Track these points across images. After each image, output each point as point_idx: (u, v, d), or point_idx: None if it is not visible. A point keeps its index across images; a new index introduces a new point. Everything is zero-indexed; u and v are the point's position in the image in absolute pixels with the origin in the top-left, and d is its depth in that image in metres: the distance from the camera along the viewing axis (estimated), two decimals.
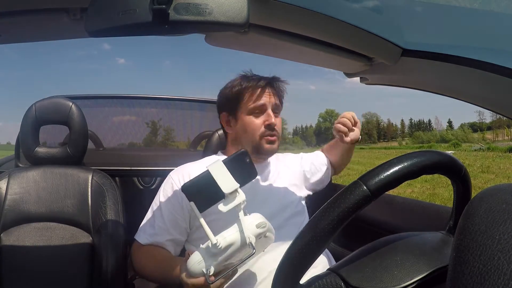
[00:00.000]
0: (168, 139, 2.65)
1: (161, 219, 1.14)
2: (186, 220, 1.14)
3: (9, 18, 0.68)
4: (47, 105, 1.40)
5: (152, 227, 1.14)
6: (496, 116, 65.47)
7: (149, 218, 1.17)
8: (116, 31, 0.58)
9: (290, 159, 1.37)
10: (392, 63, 0.86)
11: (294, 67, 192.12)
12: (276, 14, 0.71)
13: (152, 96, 2.34)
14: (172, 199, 1.15)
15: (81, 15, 0.67)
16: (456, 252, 0.39)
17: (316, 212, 0.51)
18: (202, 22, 0.56)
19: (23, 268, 1.25)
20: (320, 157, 1.42)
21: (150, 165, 1.99)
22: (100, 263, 1.24)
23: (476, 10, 0.87)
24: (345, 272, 0.54)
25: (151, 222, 1.15)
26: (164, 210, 1.14)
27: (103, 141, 2.25)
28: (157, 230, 1.13)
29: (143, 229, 1.16)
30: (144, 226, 1.17)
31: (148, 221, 1.17)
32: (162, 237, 1.13)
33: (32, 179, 1.34)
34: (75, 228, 1.32)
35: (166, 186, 1.18)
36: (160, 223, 1.13)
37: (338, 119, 1.25)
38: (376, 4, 0.90)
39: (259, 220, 0.85)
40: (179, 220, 1.13)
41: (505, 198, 0.39)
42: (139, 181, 2.26)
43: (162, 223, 1.13)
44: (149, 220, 1.17)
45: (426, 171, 0.53)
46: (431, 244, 0.60)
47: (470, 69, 0.72)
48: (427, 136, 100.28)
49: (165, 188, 1.18)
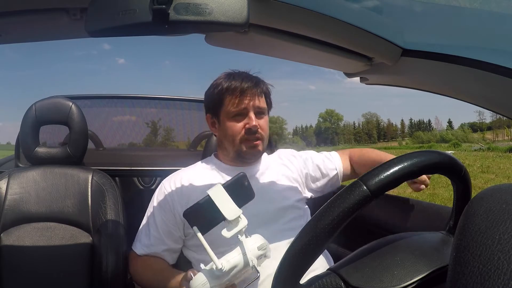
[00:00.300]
0: (168, 139, 2.65)
1: (155, 229, 1.13)
2: (180, 228, 1.13)
3: (9, 18, 0.68)
4: (47, 105, 1.40)
5: (148, 237, 1.14)
6: (496, 116, 65.48)
7: (144, 227, 1.17)
8: (116, 31, 0.58)
9: (293, 158, 1.30)
10: (392, 63, 0.86)
11: (294, 67, 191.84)
12: (276, 14, 0.71)
13: (152, 96, 2.34)
14: (164, 208, 1.14)
15: (81, 15, 0.67)
16: (456, 252, 0.39)
17: (316, 212, 0.51)
18: (202, 22, 0.56)
19: (23, 268, 1.25)
20: (332, 160, 1.32)
21: (150, 165, 1.99)
22: (100, 263, 1.24)
23: (476, 10, 0.87)
24: (345, 272, 0.54)
25: (146, 232, 1.15)
26: (158, 219, 1.14)
27: (103, 141, 2.25)
28: (152, 241, 1.13)
29: (139, 238, 1.16)
30: (140, 236, 1.17)
31: (143, 230, 1.16)
32: (157, 248, 1.13)
33: (32, 179, 1.34)
34: (75, 228, 1.32)
35: (159, 195, 1.18)
36: (154, 232, 1.13)
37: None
38: (376, 4, 0.90)
39: (260, 242, 0.88)
40: (172, 229, 1.13)
41: (505, 198, 0.39)
42: (139, 181, 2.26)
43: (157, 233, 1.13)
44: (144, 229, 1.17)
45: (426, 171, 0.53)
46: (431, 244, 0.60)
47: (470, 69, 0.72)
48: (427, 136, 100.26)
49: (158, 196, 1.18)
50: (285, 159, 1.29)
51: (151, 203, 1.19)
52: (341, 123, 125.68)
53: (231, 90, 1.12)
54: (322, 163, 1.31)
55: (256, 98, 1.12)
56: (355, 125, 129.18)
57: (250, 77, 1.15)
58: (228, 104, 1.12)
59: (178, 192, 1.14)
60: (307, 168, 1.28)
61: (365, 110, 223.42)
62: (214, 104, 1.16)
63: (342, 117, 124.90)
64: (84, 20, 0.60)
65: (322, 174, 1.30)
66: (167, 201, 1.14)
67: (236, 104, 1.11)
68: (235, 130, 1.12)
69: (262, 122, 1.14)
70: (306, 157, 1.32)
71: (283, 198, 1.17)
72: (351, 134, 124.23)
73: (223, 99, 1.13)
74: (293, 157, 1.31)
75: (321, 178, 1.29)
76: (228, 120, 1.13)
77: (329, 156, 1.35)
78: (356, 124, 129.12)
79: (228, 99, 1.12)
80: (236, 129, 1.12)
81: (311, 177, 1.29)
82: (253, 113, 1.12)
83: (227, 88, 1.12)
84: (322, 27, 0.76)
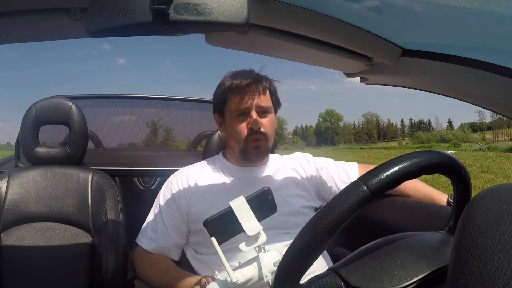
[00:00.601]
0: (168, 139, 2.65)
1: (162, 224, 1.14)
2: (185, 224, 1.14)
3: (9, 18, 0.68)
4: (47, 105, 1.40)
5: (154, 232, 1.14)
6: (496, 116, 65.47)
7: (150, 222, 1.17)
8: (116, 31, 0.58)
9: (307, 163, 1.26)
10: (392, 63, 0.86)
11: (294, 67, 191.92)
12: (276, 14, 0.71)
13: (152, 96, 2.35)
14: (171, 203, 1.15)
15: (81, 15, 0.67)
16: (456, 252, 0.39)
17: (316, 212, 0.51)
18: (202, 22, 0.56)
19: (23, 268, 1.25)
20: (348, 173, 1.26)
21: (150, 165, 1.99)
22: (100, 263, 1.24)
23: (476, 10, 0.87)
24: (345, 272, 0.54)
25: (153, 226, 1.15)
26: (165, 214, 1.15)
27: (103, 141, 2.25)
28: (159, 235, 1.13)
29: (145, 233, 1.16)
30: (146, 230, 1.17)
31: (149, 225, 1.17)
32: (165, 242, 1.13)
33: (32, 179, 1.34)
34: (75, 228, 1.32)
35: (166, 191, 1.19)
36: (161, 227, 1.14)
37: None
38: (376, 4, 0.90)
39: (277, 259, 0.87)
40: (179, 224, 1.13)
41: (505, 198, 0.39)
42: (139, 181, 2.26)
43: (164, 227, 1.13)
44: (150, 224, 1.17)
45: (426, 171, 0.53)
46: (431, 244, 0.60)
47: (470, 69, 0.72)
48: (427, 136, 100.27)
49: (165, 192, 1.18)
50: (298, 164, 1.26)
51: (158, 199, 1.19)
52: (341, 123, 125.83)
53: (232, 88, 1.11)
54: (337, 174, 1.26)
55: (258, 97, 1.11)
56: (355, 125, 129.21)
57: (252, 74, 1.14)
58: (231, 103, 1.12)
59: (184, 189, 1.16)
60: (320, 177, 1.24)
61: (365, 110, 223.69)
62: (219, 103, 1.16)
63: (342, 117, 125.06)
64: (84, 20, 0.60)
65: (336, 185, 1.24)
66: (174, 198, 1.15)
67: (237, 102, 1.11)
68: (239, 129, 1.12)
69: (266, 121, 1.13)
70: (321, 166, 1.27)
71: (287, 204, 1.13)
72: (351, 134, 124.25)
73: (226, 98, 1.13)
74: (307, 162, 1.27)
75: (332, 189, 1.25)
76: (232, 119, 1.13)
77: (347, 167, 1.29)
78: (356, 124, 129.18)
79: (231, 98, 1.12)
80: (240, 128, 1.11)
81: (322, 187, 1.24)
82: (255, 112, 1.11)
83: (229, 87, 1.12)
84: (322, 27, 0.76)
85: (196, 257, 1.13)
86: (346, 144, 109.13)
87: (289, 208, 1.13)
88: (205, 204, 1.11)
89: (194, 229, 1.13)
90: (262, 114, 1.13)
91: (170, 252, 1.15)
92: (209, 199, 1.12)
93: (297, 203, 1.16)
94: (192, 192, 1.14)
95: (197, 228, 1.11)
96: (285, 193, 1.16)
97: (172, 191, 1.16)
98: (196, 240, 1.14)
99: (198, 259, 1.13)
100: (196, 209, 1.12)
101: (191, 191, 1.15)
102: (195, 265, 1.13)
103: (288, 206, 1.13)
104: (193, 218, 1.12)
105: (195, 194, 1.13)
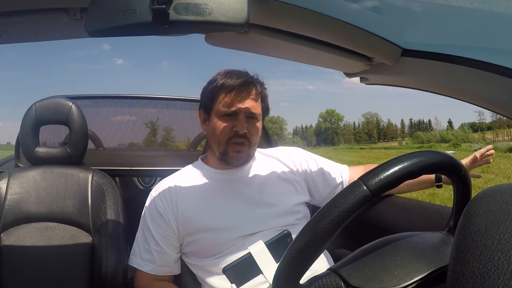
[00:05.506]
0: (168, 139, 2.65)
1: (154, 243, 1.10)
2: (177, 238, 1.10)
3: (9, 18, 0.68)
4: (47, 105, 1.40)
5: (149, 253, 1.10)
6: (496, 116, 65.46)
7: (141, 243, 1.13)
8: (116, 31, 0.58)
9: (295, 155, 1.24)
10: (392, 63, 0.86)
11: (293, 67, 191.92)
12: (276, 14, 0.71)
13: (152, 96, 2.34)
14: (158, 220, 1.11)
15: (81, 15, 0.67)
16: (456, 252, 0.39)
17: (316, 212, 0.51)
18: (202, 22, 0.56)
19: (23, 268, 1.25)
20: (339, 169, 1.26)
21: (150, 165, 1.99)
22: (100, 263, 1.24)
23: (476, 10, 0.87)
24: (345, 272, 0.54)
25: (146, 247, 1.11)
26: (155, 232, 1.10)
27: (103, 141, 2.25)
28: (155, 255, 1.09)
29: (139, 255, 1.12)
30: (140, 252, 1.12)
31: (142, 246, 1.12)
32: (162, 261, 1.10)
33: (32, 179, 1.34)
34: (75, 228, 1.32)
35: (150, 208, 1.14)
36: (155, 246, 1.10)
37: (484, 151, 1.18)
38: (376, 4, 0.90)
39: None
40: (171, 239, 1.10)
41: (505, 198, 0.39)
42: (139, 181, 2.26)
43: (157, 246, 1.10)
44: (142, 245, 1.12)
45: (426, 171, 0.53)
46: (431, 244, 0.60)
47: (470, 69, 0.72)
48: (427, 136, 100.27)
49: (150, 210, 1.14)
50: (285, 157, 1.23)
51: (143, 218, 1.15)
52: (341, 123, 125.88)
53: (224, 88, 1.07)
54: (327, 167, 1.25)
55: (250, 101, 1.07)
56: (355, 125, 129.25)
57: (247, 77, 1.10)
58: (220, 102, 1.08)
59: (168, 203, 1.11)
60: (308, 168, 1.22)
61: (365, 110, 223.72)
62: (207, 100, 1.11)
63: (342, 117, 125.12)
64: (84, 20, 0.60)
65: (324, 178, 1.23)
66: (160, 214, 1.11)
67: (227, 103, 1.06)
68: (222, 130, 1.07)
69: (252, 128, 1.09)
70: (310, 159, 1.26)
71: (278, 203, 1.11)
72: (351, 134, 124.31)
73: (216, 96, 1.09)
74: (296, 154, 1.25)
75: (321, 182, 1.22)
76: (218, 118, 1.08)
77: (339, 164, 1.29)
78: (356, 124, 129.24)
79: (221, 97, 1.08)
80: (224, 129, 1.07)
81: (312, 178, 1.22)
82: (244, 117, 1.07)
83: (221, 85, 1.08)
84: (322, 27, 0.76)
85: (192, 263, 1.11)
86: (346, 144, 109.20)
87: (280, 208, 1.10)
88: (192, 214, 1.08)
89: (186, 242, 1.10)
90: (250, 120, 1.08)
91: (171, 269, 1.12)
92: (196, 208, 1.09)
93: (288, 201, 1.13)
94: (177, 204, 1.10)
95: (188, 240, 1.08)
96: (273, 191, 1.13)
97: (157, 208, 1.12)
98: (189, 250, 1.11)
99: (194, 265, 1.11)
100: (184, 221, 1.08)
101: (174, 203, 1.10)
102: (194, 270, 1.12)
103: (278, 206, 1.10)
104: (183, 232, 1.09)
105: (180, 206, 1.09)
